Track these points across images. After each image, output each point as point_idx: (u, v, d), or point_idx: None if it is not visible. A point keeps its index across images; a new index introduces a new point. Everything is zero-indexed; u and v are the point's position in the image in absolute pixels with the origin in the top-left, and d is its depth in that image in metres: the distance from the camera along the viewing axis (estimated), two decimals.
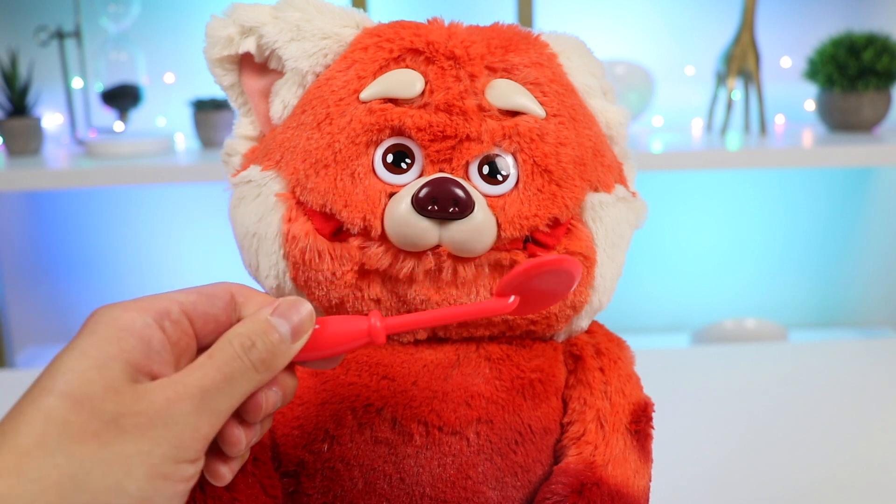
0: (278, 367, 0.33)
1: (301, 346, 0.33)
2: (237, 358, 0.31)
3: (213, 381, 0.30)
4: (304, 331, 0.33)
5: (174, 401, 0.29)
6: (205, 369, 0.30)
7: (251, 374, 0.32)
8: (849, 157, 1.13)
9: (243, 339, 0.32)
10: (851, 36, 1.20)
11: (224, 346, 0.31)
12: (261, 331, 0.32)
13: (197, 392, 0.30)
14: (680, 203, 1.48)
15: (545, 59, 0.44)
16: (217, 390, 0.30)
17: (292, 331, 0.33)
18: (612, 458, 0.43)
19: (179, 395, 0.29)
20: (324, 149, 0.41)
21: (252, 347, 0.32)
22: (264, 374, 0.32)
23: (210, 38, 0.45)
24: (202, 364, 0.31)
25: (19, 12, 1.41)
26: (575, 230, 0.42)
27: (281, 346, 0.32)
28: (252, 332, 0.32)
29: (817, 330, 1.51)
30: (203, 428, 0.30)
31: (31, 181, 1.16)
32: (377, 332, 0.35)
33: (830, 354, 0.99)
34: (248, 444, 0.34)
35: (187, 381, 0.30)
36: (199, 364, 0.31)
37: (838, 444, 0.75)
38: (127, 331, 0.30)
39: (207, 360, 0.31)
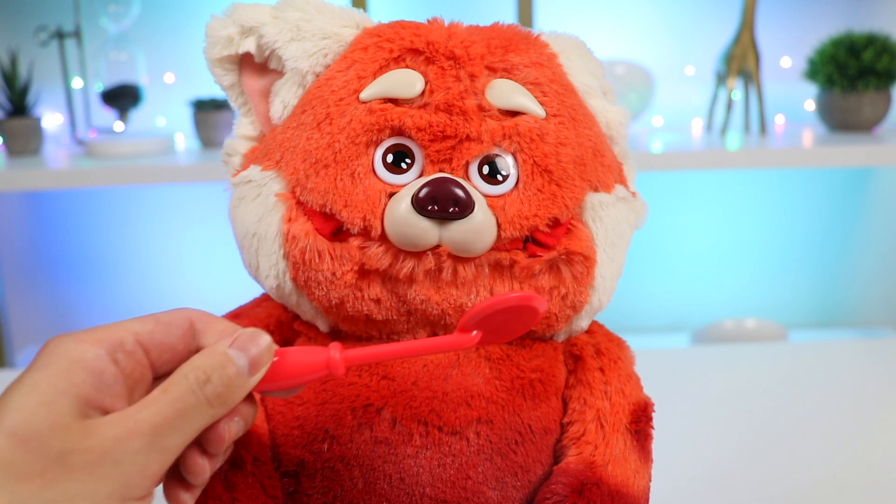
0: (234, 400, 0.32)
1: (258, 379, 0.33)
2: (191, 392, 0.30)
3: (166, 418, 0.29)
4: (262, 364, 0.33)
5: (124, 438, 0.28)
6: (158, 405, 0.30)
7: (205, 409, 0.31)
8: (849, 157, 1.13)
9: (198, 374, 0.31)
10: (851, 36, 1.20)
11: (179, 381, 0.31)
12: (217, 364, 0.31)
13: (148, 429, 0.29)
14: (680, 203, 1.48)
15: (545, 59, 0.44)
16: (169, 427, 0.30)
17: (250, 364, 0.32)
18: (612, 458, 0.43)
19: (130, 432, 0.29)
20: (324, 149, 0.41)
21: (207, 382, 0.31)
22: (219, 408, 0.31)
23: (210, 38, 0.45)
24: (156, 399, 0.30)
25: (19, 12, 1.41)
26: (575, 230, 0.42)
27: (238, 379, 0.32)
28: (208, 365, 0.31)
29: (817, 330, 1.51)
30: (152, 466, 0.29)
31: (31, 181, 1.16)
32: (336, 364, 0.34)
33: (830, 354, 0.99)
34: (211, 471, 0.33)
35: (139, 418, 0.29)
36: (153, 399, 0.30)
37: (838, 444, 0.75)
38: (78, 364, 0.29)
39: (161, 395, 0.30)
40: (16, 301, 1.57)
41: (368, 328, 0.43)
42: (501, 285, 0.41)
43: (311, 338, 0.45)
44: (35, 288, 1.59)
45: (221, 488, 0.39)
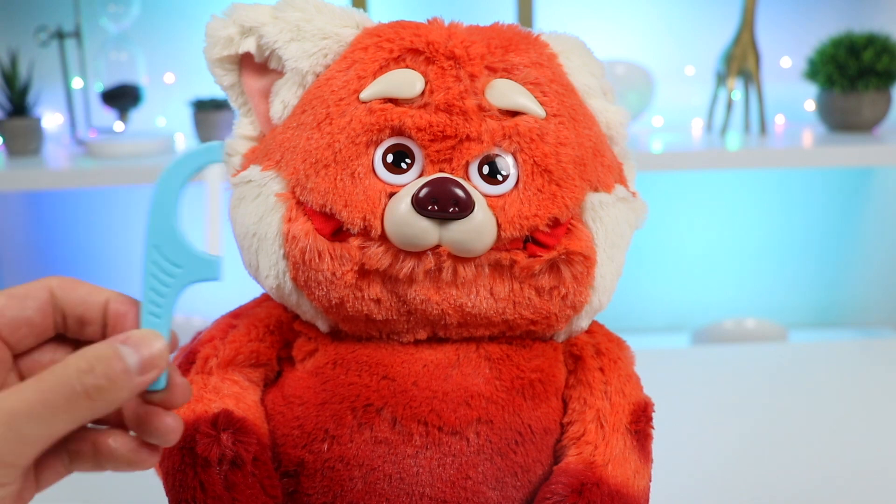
0: (117, 398, 0.30)
1: (148, 381, 0.31)
2: (66, 383, 0.29)
3: (28, 405, 0.28)
4: (155, 366, 0.31)
5: (9, 416, 0.27)
6: (23, 392, 0.28)
7: (83, 402, 0.29)
8: (849, 157, 1.13)
9: (81, 363, 0.29)
10: (851, 36, 1.20)
11: (56, 369, 0.29)
12: (104, 356, 0.30)
13: (4, 416, 0.27)
14: (680, 203, 1.48)
15: (545, 59, 0.44)
16: (29, 415, 0.28)
17: (141, 363, 0.30)
18: (612, 458, 0.43)
19: (14, 411, 0.27)
20: (324, 149, 0.41)
21: (89, 372, 0.29)
22: (98, 403, 0.29)
23: (210, 38, 0.45)
24: (25, 386, 0.28)
25: (19, 12, 1.41)
26: (575, 230, 0.42)
27: (123, 376, 0.30)
28: (94, 356, 0.30)
29: (817, 330, 1.51)
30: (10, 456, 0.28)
31: (31, 181, 1.16)
32: None
33: (830, 354, 0.99)
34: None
35: (22, 395, 0.28)
36: (23, 385, 0.28)
37: (838, 444, 0.75)
38: None
39: (33, 382, 0.28)
40: None
41: (368, 328, 0.43)
42: (501, 285, 0.41)
43: (312, 338, 0.45)
44: None
45: (221, 488, 0.39)
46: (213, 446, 0.39)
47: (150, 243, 0.32)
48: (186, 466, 0.39)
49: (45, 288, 0.32)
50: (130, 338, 0.31)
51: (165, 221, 0.32)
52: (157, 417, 0.32)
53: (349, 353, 0.43)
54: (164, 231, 0.32)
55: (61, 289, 0.32)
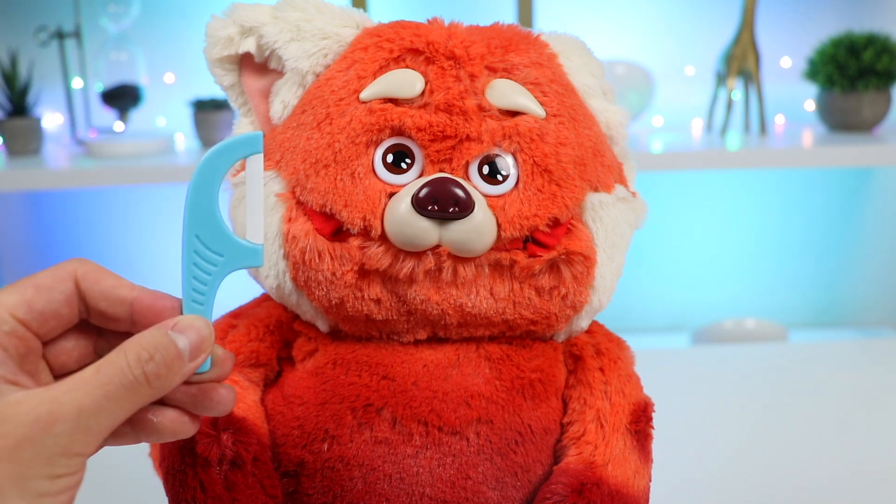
0: (172, 384, 0.31)
1: (197, 366, 0.32)
2: (127, 372, 0.29)
3: (94, 400, 0.28)
4: (203, 350, 0.32)
5: (47, 422, 0.28)
6: (87, 387, 0.29)
7: (143, 389, 0.30)
8: (849, 157, 1.13)
9: (140, 352, 0.30)
10: (851, 36, 1.20)
11: (115, 359, 0.29)
12: (161, 344, 0.30)
13: (73, 412, 0.28)
14: (680, 203, 1.48)
15: (545, 59, 0.44)
16: (97, 409, 0.29)
17: (191, 349, 0.31)
18: (612, 458, 0.43)
19: (52, 415, 0.28)
20: (324, 149, 0.41)
21: (150, 360, 0.30)
22: (157, 390, 0.30)
23: (210, 38, 0.45)
24: (85, 380, 0.29)
25: (19, 12, 1.41)
26: (575, 230, 0.42)
27: (177, 362, 0.31)
28: (152, 344, 0.30)
29: (817, 330, 1.51)
30: (77, 446, 0.28)
31: (31, 181, 1.16)
32: None
33: (830, 354, 0.99)
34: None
35: (64, 400, 0.28)
36: (83, 379, 0.29)
37: (838, 444, 0.75)
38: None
39: (93, 376, 0.29)
40: None
41: (368, 328, 0.43)
42: (501, 285, 0.41)
43: (312, 338, 0.45)
44: None
45: (221, 488, 0.39)
46: (213, 446, 0.39)
47: (189, 232, 0.32)
48: (186, 466, 0.39)
49: (71, 277, 0.32)
50: (179, 324, 0.31)
51: (206, 210, 0.32)
52: (212, 391, 0.33)
53: (349, 353, 0.43)
54: (204, 220, 0.32)
55: (86, 279, 0.32)
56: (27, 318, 0.31)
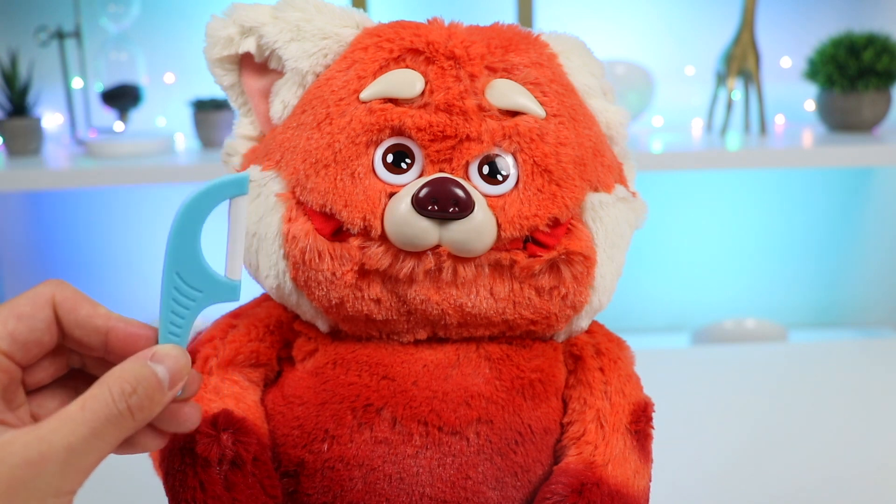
0: (153, 414, 0.31)
1: (176, 393, 0.32)
2: (112, 406, 0.30)
3: (82, 438, 0.29)
4: (181, 379, 0.32)
5: (37, 463, 0.28)
6: (73, 424, 0.29)
7: (127, 422, 0.30)
8: (849, 157, 1.13)
9: (124, 385, 0.30)
10: (851, 36, 1.20)
11: (98, 394, 0.30)
12: (142, 376, 0.31)
13: (63, 452, 0.28)
14: (680, 203, 1.48)
15: (545, 59, 0.44)
16: (85, 447, 0.29)
17: (170, 378, 0.32)
18: (612, 458, 0.43)
19: (43, 457, 0.28)
20: (324, 149, 0.41)
21: (133, 394, 0.30)
22: (140, 422, 0.31)
23: (210, 38, 0.45)
24: (71, 417, 0.29)
25: (19, 12, 1.41)
26: (575, 230, 0.42)
27: (158, 392, 0.31)
28: (133, 377, 0.31)
29: (817, 330, 1.51)
30: (68, 485, 0.29)
31: (31, 181, 1.16)
32: None
33: (830, 354, 0.99)
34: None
35: (53, 440, 0.28)
36: (69, 416, 0.29)
37: (838, 444, 0.75)
38: None
39: (78, 412, 0.29)
40: None
41: (368, 328, 0.43)
42: (501, 285, 0.41)
43: (312, 338, 0.45)
44: None
45: (221, 488, 0.39)
46: (213, 446, 0.39)
47: (170, 269, 0.32)
48: (186, 466, 0.39)
49: (49, 303, 0.32)
50: (157, 354, 0.32)
51: (187, 248, 0.32)
52: (179, 410, 0.34)
53: (349, 353, 0.43)
54: (185, 257, 0.32)
55: (63, 307, 0.32)
56: (10, 350, 0.30)
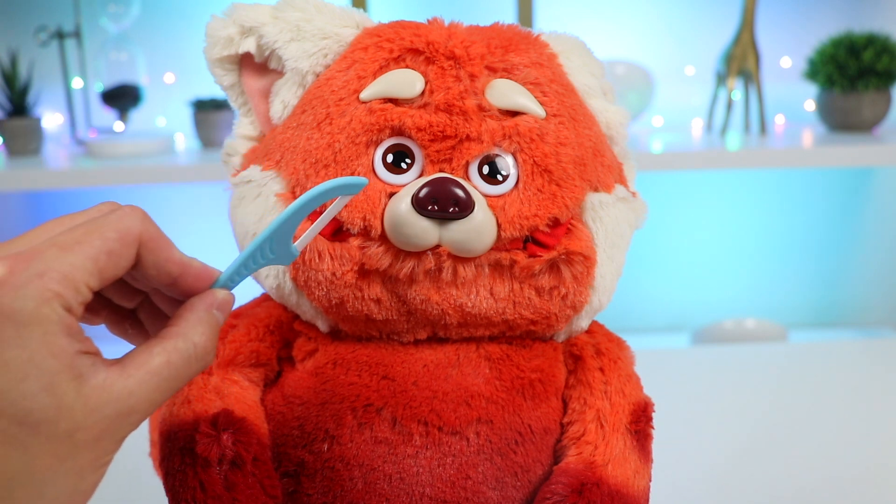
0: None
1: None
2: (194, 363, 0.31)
3: (165, 395, 0.30)
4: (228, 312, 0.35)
5: (127, 415, 0.29)
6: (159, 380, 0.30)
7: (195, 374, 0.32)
8: (849, 157, 1.13)
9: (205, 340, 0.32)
10: (851, 36, 1.20)
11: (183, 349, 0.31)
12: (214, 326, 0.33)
13: (147, 406, 0.30)
14: (680, 203, 1.48)
15: (545, 59, 0.44)
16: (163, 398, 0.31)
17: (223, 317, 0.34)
18: (612, 458, 0.43)
19: (132, 410, 0.29)
20: (324, 149, 0.41)
21: (209, 350, 0.32)
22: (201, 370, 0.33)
23: (210, 38, 0.45)
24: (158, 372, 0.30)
25: (19, 12, 1.41)
26: (575, 230, 0.42)
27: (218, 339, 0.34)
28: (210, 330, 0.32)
29: (817, 330, 1.51)
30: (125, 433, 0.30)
31: (31, 181, 1.16)
32: None
33: (830, 354, 0.99)
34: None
35: (141, 394, 0.30)
36: (156, 371, 0.30)
37: (838, 444, 0.75)
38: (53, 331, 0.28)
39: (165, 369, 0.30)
40: None
41: (368, 328, 0.43)
42: (501, 285, 0.41)
43: (312, 338, 0.45)
44: None
45: (221, 488, 0.39)
46: (213, 446, 0.39)
47: (269, 236, 0.34)
48: (186, 466, 0.39)
49: (136, 242, 0.32)
50: (220, 303, 0.34)
51: (291, 224, 0.35)
52: None
53: (349, 353, 0.43)
54: (285, 230, 0.35)
55: (146, 248, 0.32)
56: (95, 287, 0.30)
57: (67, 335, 0.28)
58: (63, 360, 0.28)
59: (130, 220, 0.31)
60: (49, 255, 0.29)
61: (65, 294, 0.28)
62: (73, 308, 0.29)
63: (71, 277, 0.29)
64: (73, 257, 0.29)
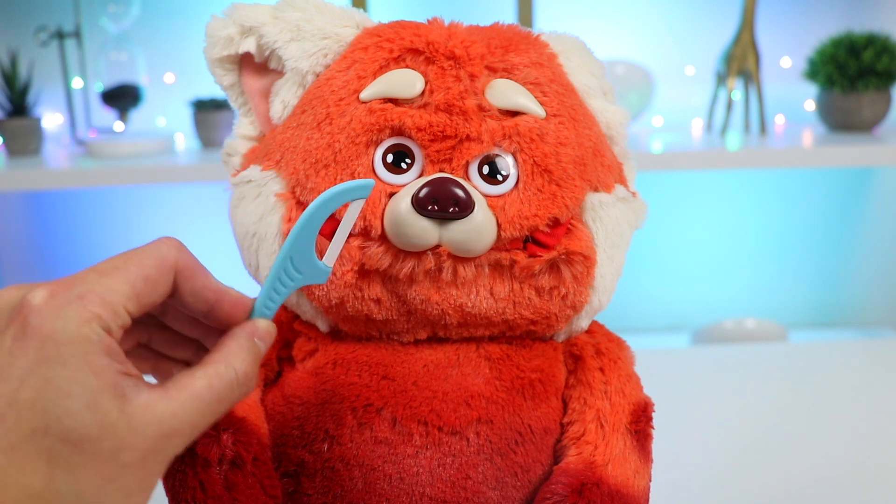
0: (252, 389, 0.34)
1: None
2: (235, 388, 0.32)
3: (207, 419, 0.31)
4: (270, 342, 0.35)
5: (169, 437, 0.30)
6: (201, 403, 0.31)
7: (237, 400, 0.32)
8: (849, 157, 1.13)
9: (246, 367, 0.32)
10: (851, 36, 1.20)
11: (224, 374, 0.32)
12: (256, 355, 0.33)
13: (189, 429, 0.30)
14: (680, 203, 1.48)
15: (545, 59, 0.44)
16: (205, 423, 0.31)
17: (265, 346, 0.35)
18: (612, 457, 0.43)
19: (175, 432, 0.30)
20: (324, 149, 0.41)
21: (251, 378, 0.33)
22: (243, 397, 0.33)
23: (210, 38, 0.45)
24: (200, 396, 0.31)
25: (19, 12, 1.41)
26: (575, 230, 0.42)
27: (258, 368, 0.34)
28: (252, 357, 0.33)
29: (817, 330, 1.51)
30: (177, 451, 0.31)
31: (31, 181, 1.16)
32: None
33: (830, 354, 0.99)
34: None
35: (183, 416, 0.30)
36: (198, 395, 0.31)
37: (838, 444, 0.75)
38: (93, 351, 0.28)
39: (206, 393, 0.31)
40: None
41: (368, 328, 0.43)
42: (501, 285, 0.41)
43: (312, 338, 0.45)
44: None
45: (221, 488, 0.39)
46: (213, 446, 0.39)
47: (286, 253, 0.35)
48: (186, 466, 0.39)
49: (172, 270, 0.32)
50: (260, 332, 0.34)
51: (307, 238, 0.35)
52: None
53: (349, 353, 0.43)
54: (302, 245, 0.35)
55: (182, 275, 0.33)
56: (133, 312, 0.31)
57: (107, 355, 0.29)
58: (104, 379, 0.28)
59: (166, 249, 0.32)
60: (89, 279, 0.30)
61: (104, 316, 0.29)
62: (112, 330, 0.29)
63: (109, 300, 0.29)
64: (112, 281, 0.30)
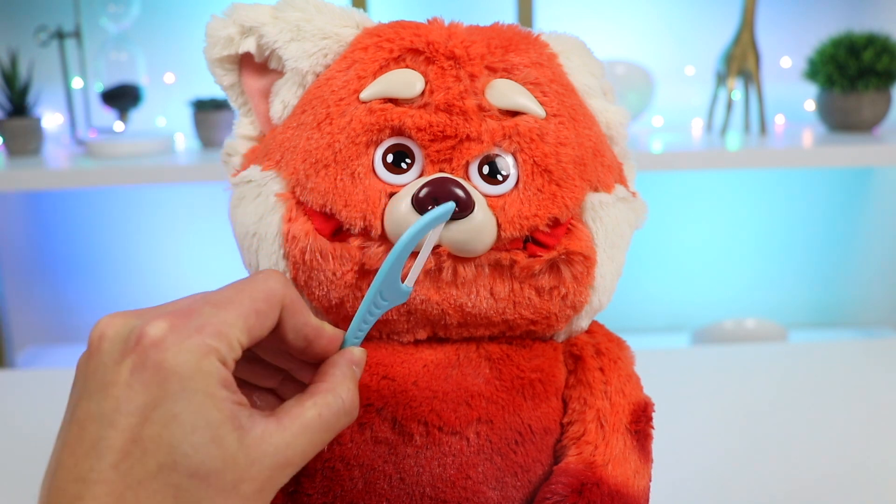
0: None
1: None
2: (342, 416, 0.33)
3: (316, 448, 0.32)
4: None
5: (284, 467, 0.31)
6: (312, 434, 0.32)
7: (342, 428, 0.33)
8: (849, 157, 1.13)
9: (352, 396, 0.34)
10: (851, 36, 1.20)
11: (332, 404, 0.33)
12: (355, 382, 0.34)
13: (301, 459, 0.31)
14: (680, 203, 1.48)
15: (545, 59, 0.44)
16: (315, 452, 0.32)
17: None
18: (612, 458, 0.43)
19: (289, 462, 0.31)
20: (324, 149, 0.41)
21: (355, 406, 0.34)
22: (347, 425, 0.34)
23: (210, 38, 0.45)
24: (311, 426, 0.32)
25: (19, 12, 1.41)
26: (575, 230, 0.42)
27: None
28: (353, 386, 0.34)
29: (817, 330, 1.51)
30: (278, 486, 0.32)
31: (31, 181, 1.16)
32: None
33: (830, 354, 0.99)
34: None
35: (296, 446, 0.31)
36: (308, 425, 0.32)
37: (838, 445, 0.75)
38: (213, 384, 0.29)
39: (316, 421, 0.32)
40: (16, 301, 1.57)
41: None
42: (501, 285, 0.41)
43: None
44: (35, 288, 1.59)
45: None
46: None
47: (376, 286, 0.36)
48: None
49: (279, 305, 0.33)
50: (356, 360, 0.36)
51: (396, 271, 0.36)
52: None
53: None
54: (391, 278, 0.36)
55: (288, 311, 0.33)
56: (245, 345, 0.31)
57: (225, 387, 0.29)
58: (224, 412, 0.29)
59: (275, 283, 0.33)
60: (205, 311, 0.30)
61: (220, 349, 0.29)
62: (227, 362, 0.30)
63: (225, 333, 0.30)
64: (227, 314, 0.30)
